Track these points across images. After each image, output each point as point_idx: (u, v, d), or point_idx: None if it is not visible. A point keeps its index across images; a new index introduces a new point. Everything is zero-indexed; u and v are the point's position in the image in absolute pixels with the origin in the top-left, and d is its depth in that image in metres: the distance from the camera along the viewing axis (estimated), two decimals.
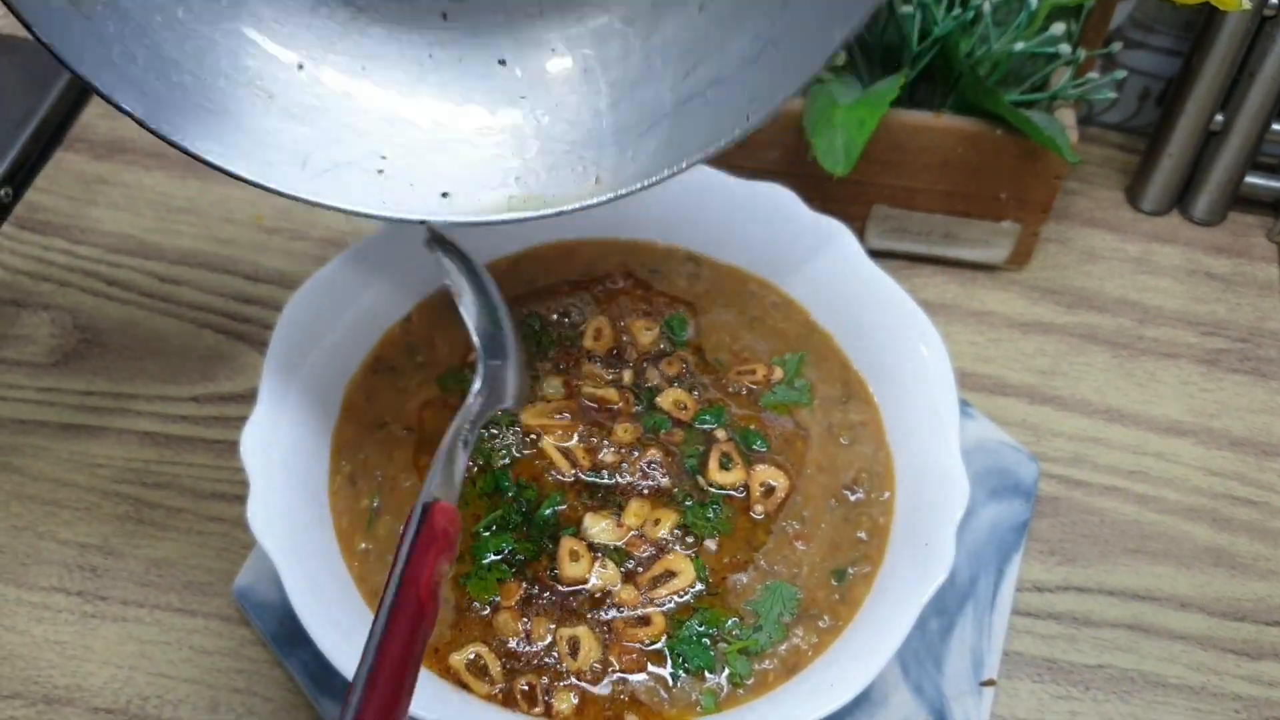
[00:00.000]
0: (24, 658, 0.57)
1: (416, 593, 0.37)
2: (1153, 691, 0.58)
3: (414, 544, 0.38)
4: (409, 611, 0.36)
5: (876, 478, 0.55)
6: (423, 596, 0.37)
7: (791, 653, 0.50)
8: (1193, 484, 0.66)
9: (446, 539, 0.39)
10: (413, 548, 0.38)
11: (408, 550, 0.38)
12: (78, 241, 0.73)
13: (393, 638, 0.36)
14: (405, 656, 0.35)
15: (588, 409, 0.56)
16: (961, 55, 0.67)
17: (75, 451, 0.64)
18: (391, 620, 0.36)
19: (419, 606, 0.37)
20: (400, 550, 0.38)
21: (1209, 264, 0.76)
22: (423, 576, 0.37)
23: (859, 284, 0.59)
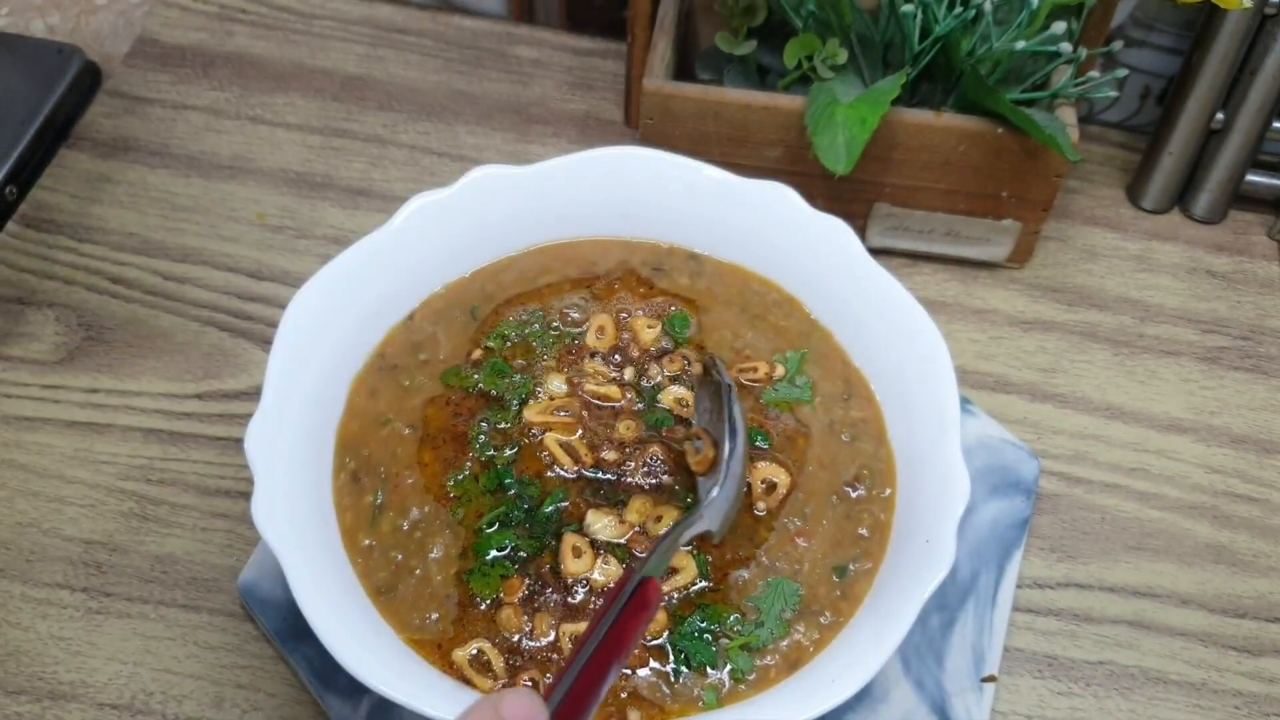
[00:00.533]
0: (29, 654, 0.57)
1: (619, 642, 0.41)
2: (1153, 688, 0.59)
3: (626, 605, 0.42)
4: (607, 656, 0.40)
5: (878, 474, 0.55)
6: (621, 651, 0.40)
7: (793, 648, 0.50)
8: (1193, 481, 0.66)
9: (650, 608, 0.43)
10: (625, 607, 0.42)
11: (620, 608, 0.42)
12: (82, 239, 0.73)
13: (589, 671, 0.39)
14: (592, 689, 0.39)
15: (590, 406, 0.56)
16: (963, 54, 0.67)
17: (80, 448, 0.64)
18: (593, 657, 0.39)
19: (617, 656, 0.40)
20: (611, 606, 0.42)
21: (1210, 262, 0.76)
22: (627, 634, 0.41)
23: (860, 282, 0.59)
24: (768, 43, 0.72)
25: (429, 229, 0.59)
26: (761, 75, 0.73)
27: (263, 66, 0.83)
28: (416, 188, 0.74)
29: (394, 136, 0.80)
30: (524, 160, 0.68)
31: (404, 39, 0.86)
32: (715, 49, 0.72)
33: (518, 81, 0.83)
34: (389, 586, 0.51)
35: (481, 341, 0.59)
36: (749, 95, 0.68)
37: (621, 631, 0.41)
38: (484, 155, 0.79)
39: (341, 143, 0.79)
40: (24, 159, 0.78)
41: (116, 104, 0.81)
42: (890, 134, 0.68)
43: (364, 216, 0.75)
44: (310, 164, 0.78)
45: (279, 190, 0.76)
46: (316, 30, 0.86)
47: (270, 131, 0.80)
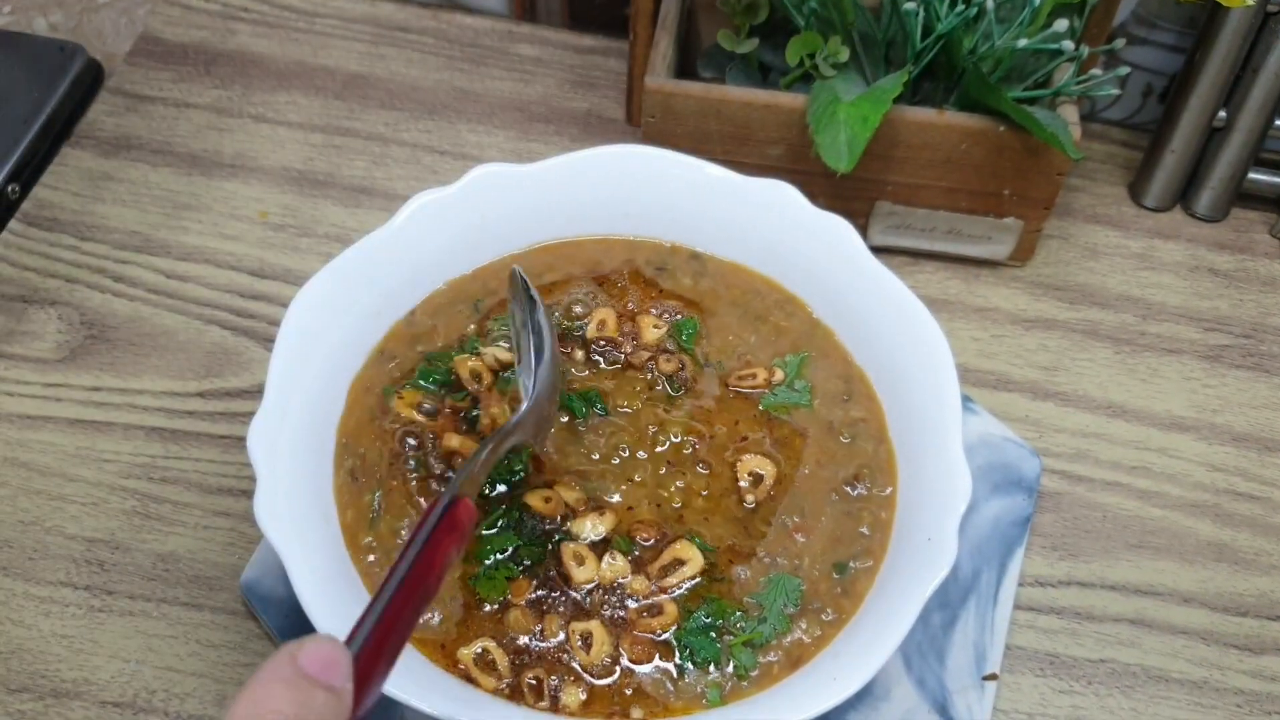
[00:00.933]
0: (32, 651, 0.57)
1: (427, 569, 0.39)
2: (1155, 686, 0.59)
3: (435, 528, 0.41)
4: (416, 583, 0.38)
5: (879, 473, 0.55)
6: (431, 573, 0.39)
7: (795, 646, 0.50)
8: (1195, 479, 0.66)
9: (462, 532, 0.42)
10: (433, 530, 0.41)
11: (429, 530, 0.40)
12: (84, 238, 0.74)
13: (395, 607, 0.38)
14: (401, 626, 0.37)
15: None
16: (964, 52, 0.67)
17: (82, 447, 0.64)
18: (401, 587, 0.38)
19: (426, 581, 0.39)
20: (419, 532, 0.40)
21: (1212, 260, 0.76)
22: (436, 560, 0.40)
23: (862, 280, 0.59)
24: (770, 41, 0.72)
25: (431, 227, 0.59)
26: (763, 73, 0.73)
27: (265, 65, 0.83)
28: (418, 186, 0.74)
29: (396, 135, 0.80)
30: (526, 158, 0.68)
31: (406, 37, 0.86)
32: (717, 47, 0.72)
33: (520, 80, 0.84)
34: None
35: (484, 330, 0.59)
36: (751, 93, 0.68)
37: (430, 557, 0.39)
38: (486, 153, 0.79)
39: (343, 141, 0.79)
40: (26, 157, 0.78)
41: (119, 102, 0.81)
42: (892, 132, 0.68)
43: (366, 215, 0.75)
44: (312, 162, 0.78)
45: (281, 189, 0.76)
46: (318, 28, 0.86)
47: (272, 130, 0.80)
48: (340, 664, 0.33)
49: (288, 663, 0.33)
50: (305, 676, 0.32)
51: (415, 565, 0.39)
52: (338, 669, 0.33)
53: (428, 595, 0.39)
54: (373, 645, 0.36)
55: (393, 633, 0.37)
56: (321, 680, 0.33)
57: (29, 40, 0.85)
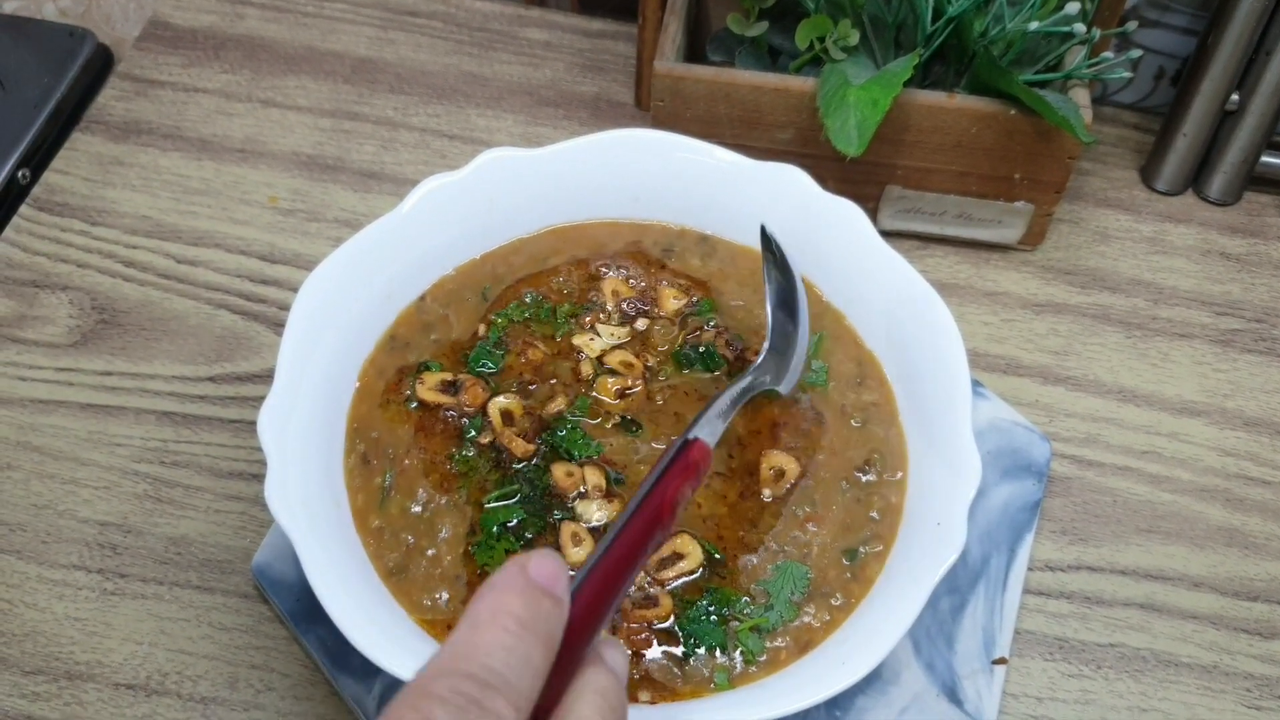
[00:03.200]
0: (45, 634, 0.58)
1: (660, 503, 0.41)
2: (1164, 670, 0.59)
3: (669, 465, 0.43)
4: (648, 516, 0.41)
5: (889, 458, 0.55)
6: (663, 508, 0.41)
7: (804, 630, 0.50)
8: (1206, 464, 0.66)
9: (696, 470, 0.44)
10: (668, 467, 0.43)
11: (663, 468, 0.43)
12: (95, 223, 0.74)
13: (628, 532, 0.40)
14: (635, 553, 0.40)
15: None
16: (975, 35, 0.67)
17: (94, 431, 0.65)
18: (632, 519, 0.40)
19: (658, 515, 0.41)
20: (655, 468, 0.43)
21: (1223, 244, 0.76)
22: (669, 491, 0.42)
23: (872, 264, 0.59)
24: (779, 24, 0.71)
25: (440, 212, 0.59)
26: (773, 57, 0.73)
27: (274, 49, 0.83)
28: (428, 170, 0.74)
29: (405, 119, 0.80)
30: (535, 143, 0.68)
31: (415, 21, 0.86)
32: (727, 31, 0.72)
33: (529, 64, 0.83)
34: (400, 567, 0.51)
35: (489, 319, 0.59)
36: (760, 77, 0.68)
37: (663, 491, 0.42)
38: (495, 138, 0.79)
39: (353, 125, 0.79)
40: (36, 142, 0.78)
41: (128, 87, 0.81)
42: (902, 116, 0.67)
43: (375, 199, 0.75)
44: (322, 147, 0.78)
45: (291, 173, 0.76)
46: (327, 13, 0.86)
47: (282, 114, 0.80)
48: (562, 577, 0.36)
49: (519, 573, 0.35)
50: (534, 584, 0.35)
51: (648, 497, 0.41)
52: (560, 580, 0.36)
53: (662, 526, 0.41)
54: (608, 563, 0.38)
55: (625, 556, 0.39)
56: (548, 589, 0.35)
57: (39, 26, 0.85)
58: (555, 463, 0.54)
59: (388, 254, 0.58)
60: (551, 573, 0.35)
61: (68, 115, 0.80)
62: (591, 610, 0.37)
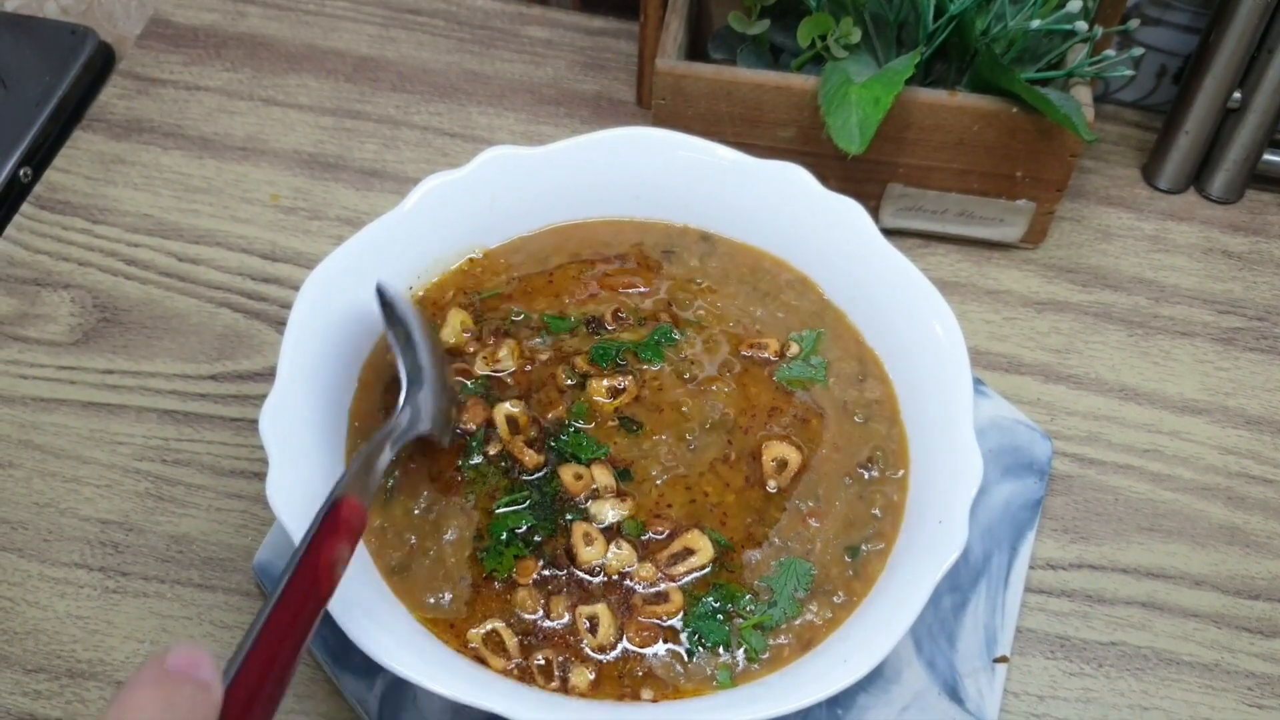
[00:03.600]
0: (47, 632, 0.58)
1: (314, 568, 0.40)
2: (1166, 669, 0.59)
3: (319, 528, 0.42)
4: (304, 583, 0.39)
5: (891, 455, 0.55)
6: (320, 572, 0.40)
7: (806, 628, 0.51)
8: (1207, 462, 0.66)
9: (349, 529, 0.43)
10: (317, 530, 0.42)
11: (312, 531, 0.42)
12: (96, 221, 0.74)
13: (284, 605, 0.38)
14: (293, 625, 0.38)
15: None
16: (977, 33, 0.67)
17: (96, 429, 0.65)
18: (286, 588, 0.39)
19: (314, 580, 0.40)
20: (306, 533, 0.42)
21: (1225, 242, 0.76)
22: (323, 554, 0.41)
23: (873, 262, 0.59)
24: (781, 22, 0.71)
25: (442, 210, 0.59)
26: (775, 55, 0.73)
27: (275, 47, 0.83)
28: (429, 169, 0.74)
29: (407, 117, 0.80)
30: (536, 141, 0.68)
31: (416, 19, 0.86)
32: (728, 28, 0.72)
33: (530, 62, 0.83)
34: (402, 566, 0.51)
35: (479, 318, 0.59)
36: (762, 75, 0.68)
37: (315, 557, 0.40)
38: (496, 136, 0.79)
39: (354, 124, 0.79)
40: (38, 141, 0.78)
41: (129, 85, 0.81)
42: (904, 114, 0.67)
43: (377, 198, 0.75)
44: (323, 145, 0.78)
45: (292, 171, 0.76)
46: (329, 11, 0.86)
47: (283, 113, 0.80)
48: (204, 661, 0.34)
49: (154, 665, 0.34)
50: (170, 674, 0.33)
51: (301, 563, 0.40)
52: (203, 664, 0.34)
53: (319, 594, 0.39)
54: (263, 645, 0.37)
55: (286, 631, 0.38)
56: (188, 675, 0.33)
57: (40, 24, 0.85)
58: (562, 466, 0.54)
59: (389, 252, 0.58)
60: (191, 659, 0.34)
61: (69, 113, 0.80)
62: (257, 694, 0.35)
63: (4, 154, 0.77)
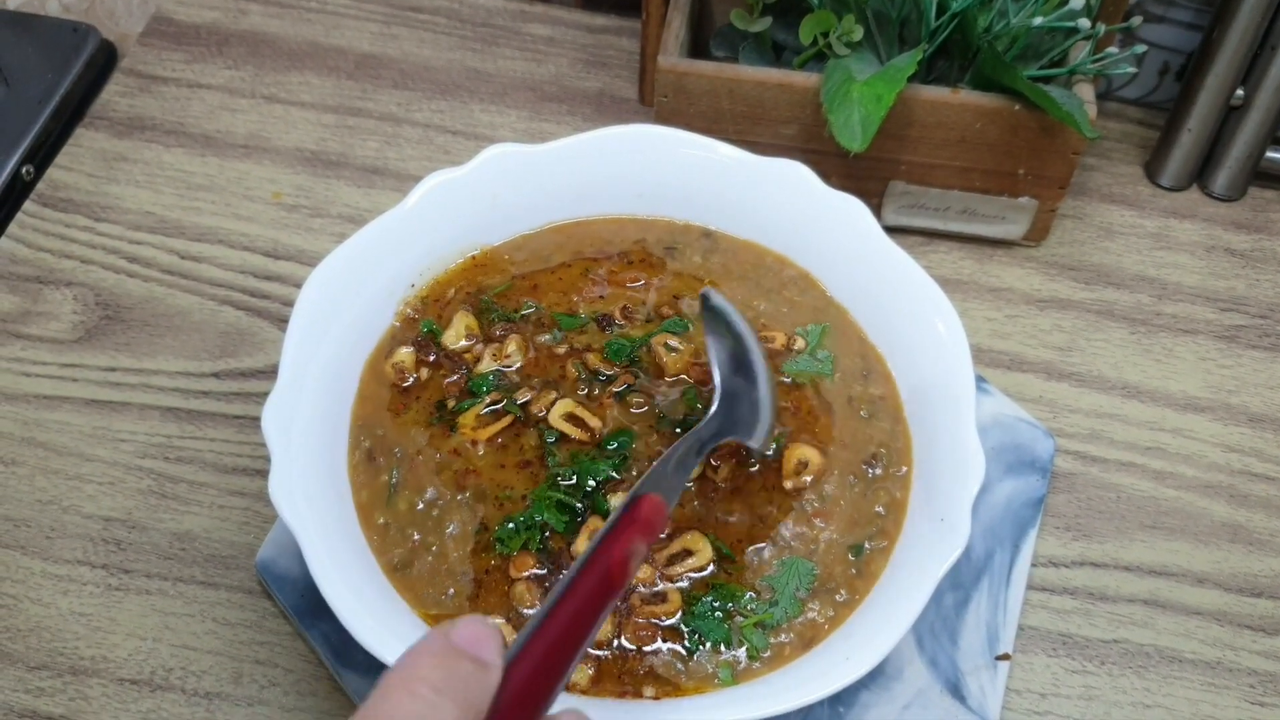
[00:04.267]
0: (50, 629, 0.58)
1: (608, 560, 0.39)
2: (1168, 666, 0.59)
3: (616, 522, 0.41)
4: (597, 577, 0.39)
5: (894, 453, 0.55)
6: (612, 565, 0.39)
7: (808, 626, 0.51)
8: (1210, 460, 0.66)
9: (648, 526, 0.42)
10: (615, 524, 0.41)
11: (610, 526, 0.41)
12: (99, 219, 0.74)
13: (574, 594, 0.38)
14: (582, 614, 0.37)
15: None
16: (979, 30, 0.67)
17: (99, 426, 0.65)
18: (578, 578, 0.38)
19: (607, 575, 0.39)
20: (604, 527, 0.41)
21: (1228, 240, 0.76)
22: (616, 547, 0.40)
23: (875, 260, 0.59)
24: (783, 19, 0.71)
25: (444, 207, 0.59)
26: (777, 52, 0.73)
27: (277, 45, 0.83)
28: (431, 166, 0.74)
29: (409, 115, 0.80)
30: (538, 138, 0.68)
31: (418, 17, 0.85)
32: (730, 26, 0.72)
33: (532, 59, 0.83)
34: (405, 563, 0.51)
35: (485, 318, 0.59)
36: (764, 73, 0.68)
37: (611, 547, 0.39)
38: (498, 133, 0.79)
39: (356, 121, 0.79)
40: (40, 138, 0.78)
41: (132, 83, 0.81)
42: (906, 111, 0.67)
43: (379, 195, 0.75)
44: (325, 143, 0.78)
45: (294, 169, 0.76)
46: (330, 8, 0.86)
47: (285, 110, 0.80)
48: (489, 640, 0.34)
49: (439, 637, 0.34)
50: (453, 648, 0.33)
51: (595, 556, 0.39)
52: (487, 644, 0.34)
53: (613, 588, 0.39)
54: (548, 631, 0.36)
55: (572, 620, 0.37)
56: (469, 652, 0.33)
57: (42, 22, 0.85)
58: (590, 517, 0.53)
59: (391, 250, 0.58)
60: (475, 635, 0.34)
61: (71, 111, 0.80)
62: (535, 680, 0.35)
63: (6, 152, 0.77)
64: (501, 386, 0.56)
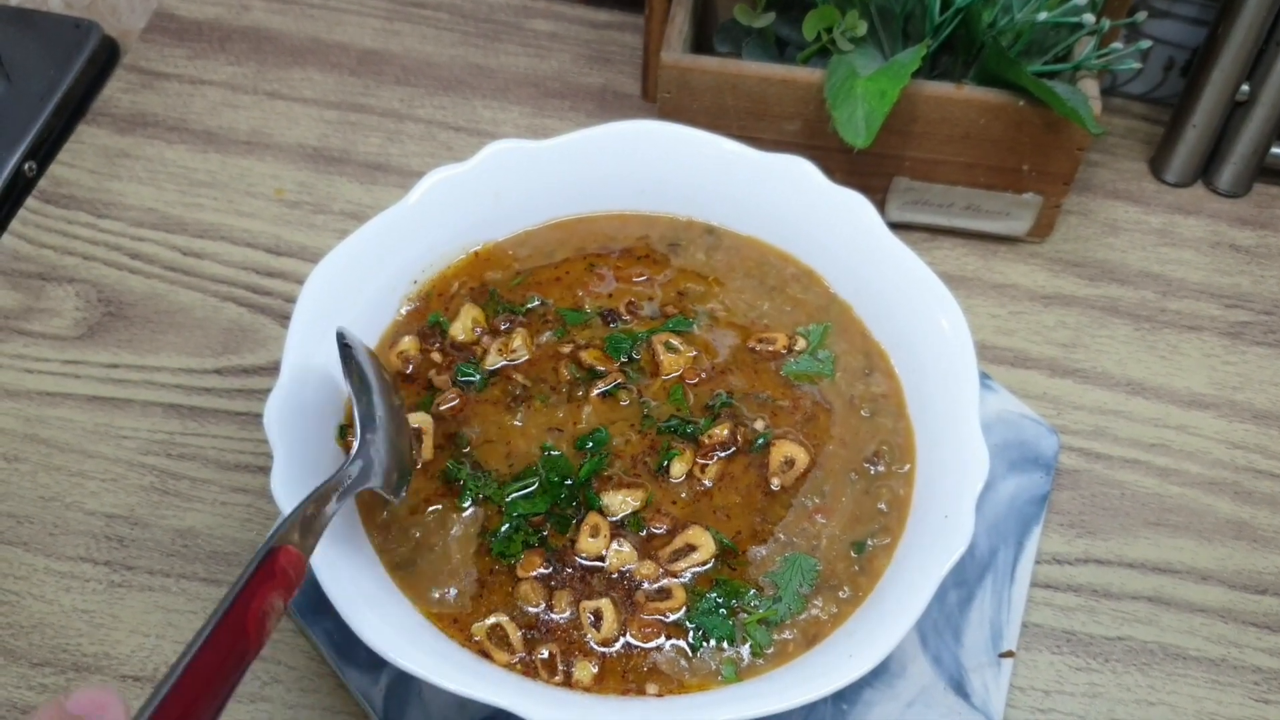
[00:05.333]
0: (53, 626, 0.58)
1: (243, 617, 0.37)
2: (1172, 664, 0.58)
3: (251, 576, 0.39)
4: (230, 633, 0.37)
5: (897, 450, 0.55)
6: (248, 622, 0.37)
7: (811, 623, 0.50)
8: (1214, 457, 0.66)
9: (285, 579, 0.40)
10: (250, 578, 0.39)
11: (244, 580, 0.39)
12: (101, 215, 0.74)
13: (207, 653, 0.36)
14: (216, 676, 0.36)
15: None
16: (984, 26, 0.66)
17: (101, 423, 0.65)
18: (212, 635, 0.36)
19: (242, 631, 0.37)
20: (237, 580, 0.39)
21: (1233, 236, 0.75)
22: (253, 604, 0.38)
23: (879, 256, 0.58)
24: (786, 15, 0.71)
25: (446, 204, 0.59)
26: (780, 48, 0.73)
27: (279, 41, 0.83)
28: (433, 162, 0.74)
29: (411, 111, 0.80)
30: (541, 134, 0.68)
31: (420, 13, 0.85)
32: (733, 21, 0.72)
33: (535, 55, 0.83)
34: (408, 561, 0.51)
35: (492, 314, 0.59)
36: (767, 68, 0.68)
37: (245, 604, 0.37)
38: (501, 129, 0.79)
39: (358, 118, 0.79)
40: (42, 135, 0.78)
41: (134, 79, 0.81)
42: (910, 107, 0.67)
43: (381, 191, 0.75)
44: (327, 139, 0.78)
45: (296, 165, 0.76)
46: (333, 4, 0.86)
47: (287, 106, 0.80)
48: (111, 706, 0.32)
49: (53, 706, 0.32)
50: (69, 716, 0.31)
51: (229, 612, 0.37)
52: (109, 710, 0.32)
53: (247, 645, 0.37)
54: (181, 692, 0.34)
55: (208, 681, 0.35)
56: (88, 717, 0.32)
57: (44, 18, 0.85)
58: (589, 513, 0.53)
59: (393, 246, 0.58)
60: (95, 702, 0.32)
61: (73, 108, 0.80)
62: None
63: (8, 148, 0.76)
64: (481, 375, 0.56)
